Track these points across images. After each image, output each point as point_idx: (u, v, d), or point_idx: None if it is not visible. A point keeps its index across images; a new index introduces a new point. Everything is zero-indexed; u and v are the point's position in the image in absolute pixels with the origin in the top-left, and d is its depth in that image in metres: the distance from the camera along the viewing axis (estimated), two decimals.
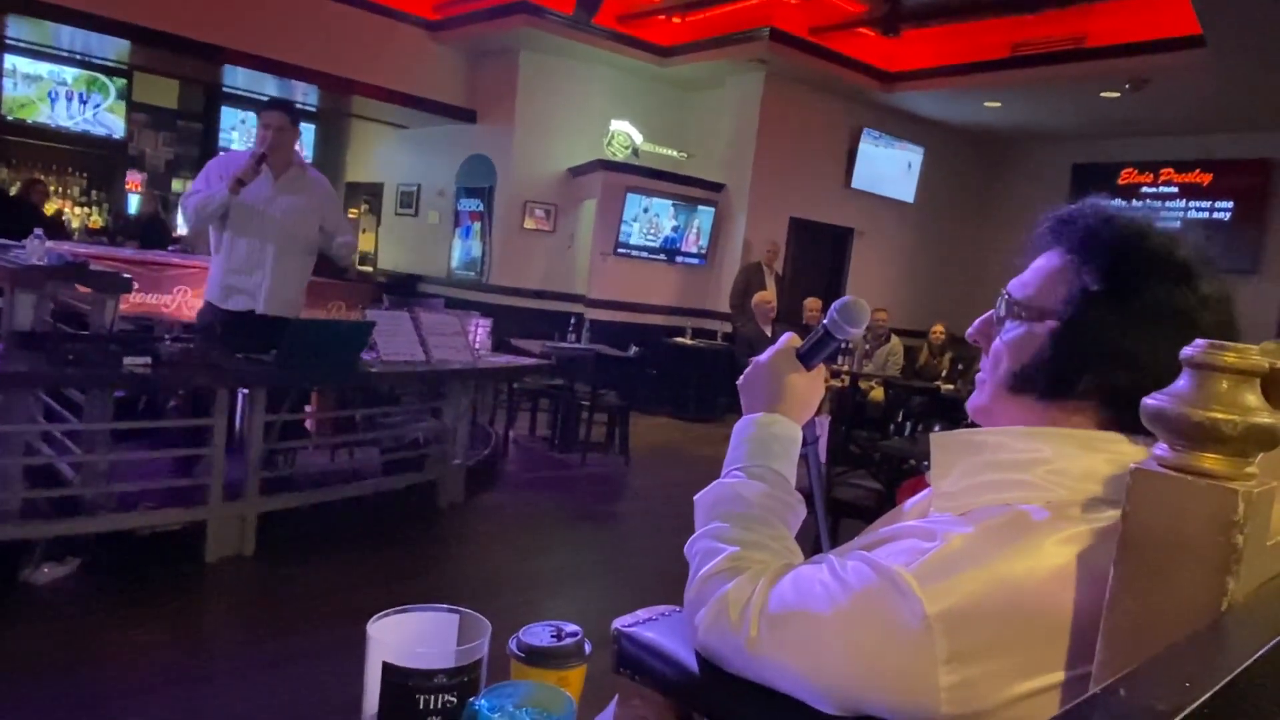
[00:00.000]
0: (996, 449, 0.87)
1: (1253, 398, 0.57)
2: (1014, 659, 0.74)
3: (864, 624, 0.78)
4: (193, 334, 4.21)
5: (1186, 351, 0.59)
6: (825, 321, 1.08)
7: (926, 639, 0.74)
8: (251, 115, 10.79)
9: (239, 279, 4.12)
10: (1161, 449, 0.60)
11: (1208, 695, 0.45)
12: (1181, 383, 0.59)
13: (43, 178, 9.14)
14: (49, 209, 8.99)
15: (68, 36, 8.32)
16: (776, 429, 1.05)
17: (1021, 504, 0.80)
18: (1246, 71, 6.87)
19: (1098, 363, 0.84)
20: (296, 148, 4.31)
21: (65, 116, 9.49)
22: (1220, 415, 0.56)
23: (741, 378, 1.12)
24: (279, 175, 4.10)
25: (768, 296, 8.13)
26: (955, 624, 0.74)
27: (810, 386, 1.09)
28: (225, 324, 4.10)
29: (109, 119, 9.83)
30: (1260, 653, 0.51)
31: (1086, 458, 0.82)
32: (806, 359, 1.09)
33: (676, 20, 8.86)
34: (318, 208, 4.23)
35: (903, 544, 0.82)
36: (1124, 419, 0.81)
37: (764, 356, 1.11)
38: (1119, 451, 0.81)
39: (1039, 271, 0.93)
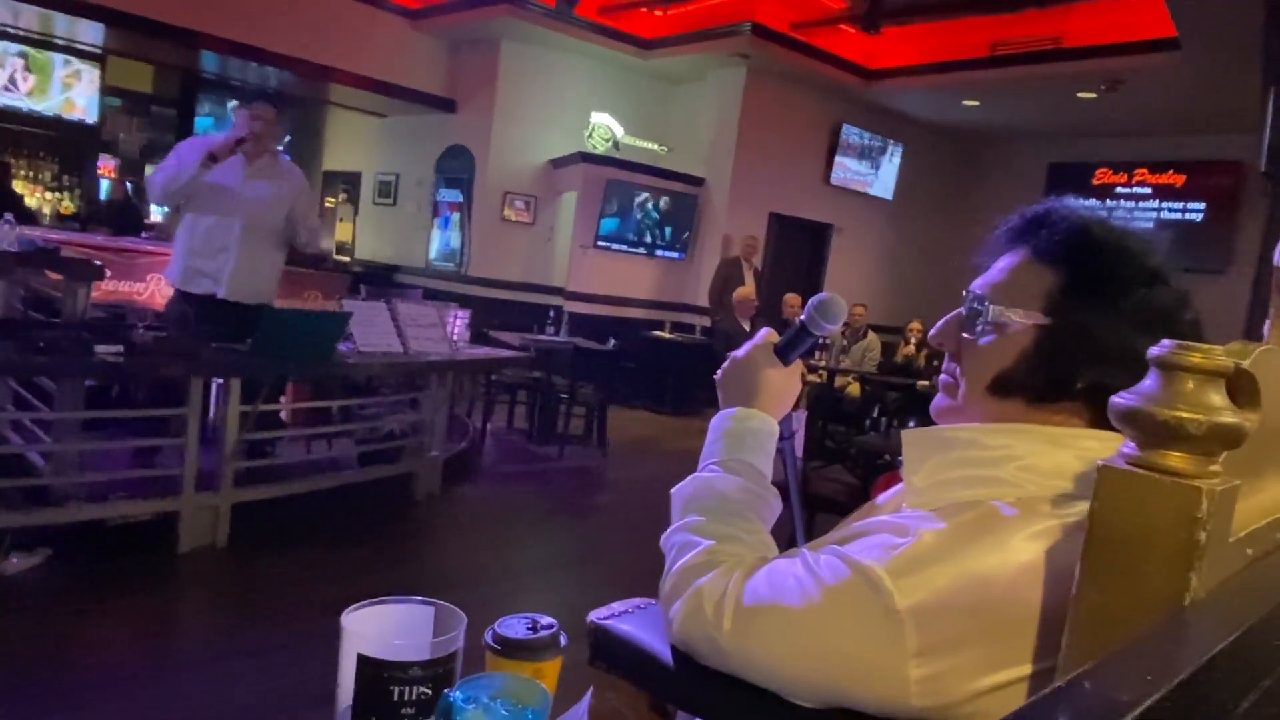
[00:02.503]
0: (968, 446, 0.88)
1: (1218, 397, 0.58)
2: (983, 652, 0.75)
3: (836, 617, 0.79)
4: (162, 322, 4.16)
5: (1153, 351, 0.60)
6: (803, 318, 1.09)
7: (897, 633, 0.76)
8: (229, 100, 10.67)
9: (201, 261, 4.08)
10: (1128, 446, 0.61)
11: (1169, 688, 0.46)
12: (1148, 382, 0.60)
13: (13, 161, 8.98)
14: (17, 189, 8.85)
15: (42, 19, 8.18)
16: (753, 424, 1.06)
17: (992, 500, 0.81)
18: (1219, 74, 6.96)
19: (1090, 364, 0.85)
20: (279, 145, 4.34)
21: (37, 100, 9.33)
22: (1186, 414, 0.57)
23: (719, 372, 1.13)
24: (252, 161, 4.10)
25: (749, 293, 8.14)
26: (926, 618, 0.75)
27: (787, 382, 1.10)
28: (190, 309, 4.06)
29: (82, 103, 9.66)
30: (1220, 647, 0.52)
31: (1057, 454, 0.83)
32: (783, 354, 1.10)
33: (659, 13, 8.85)
34: (287, 197, 4.21)
35: (876, 539, 0.83)
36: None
37: (741, 352, 1.11)
38: (1088, 448, 0.83)
39: (1011, 272, 0.93)
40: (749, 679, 0.84)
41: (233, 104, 3.82)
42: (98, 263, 4.12)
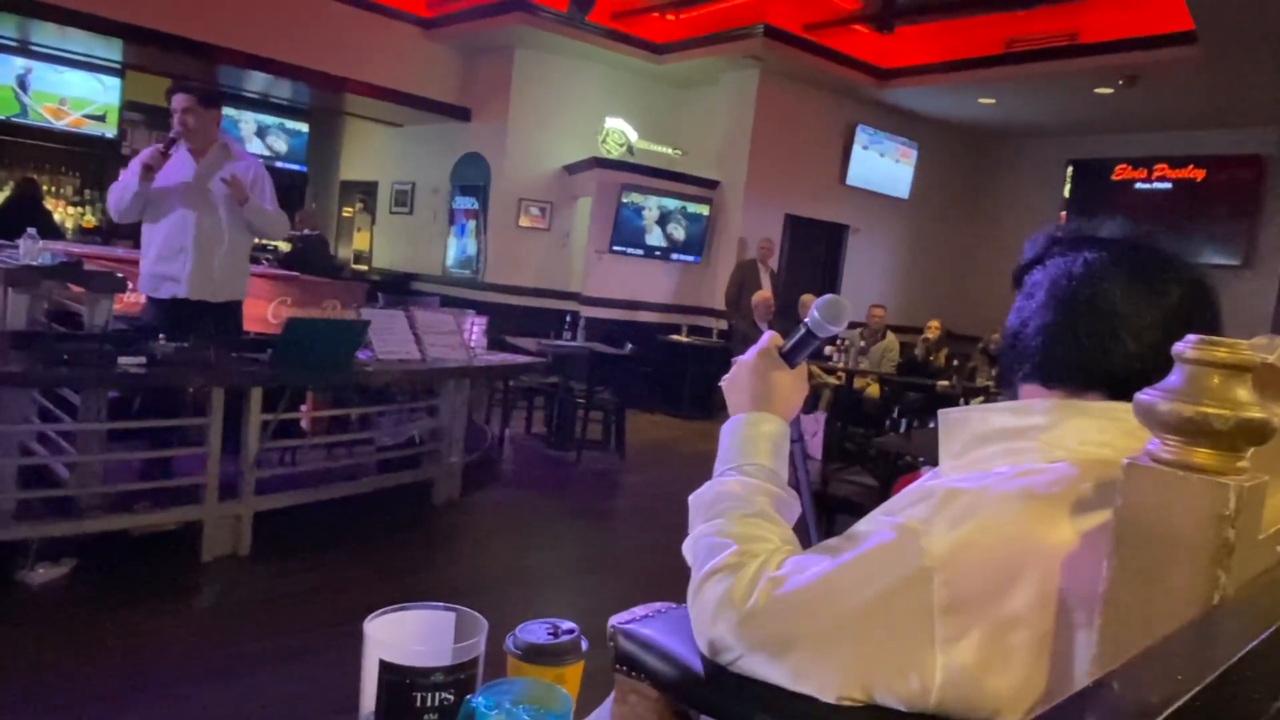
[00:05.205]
0: (999, 418, 0.91)
1: (1244, 392, 0.57)
2: (1007, 609, 0.76)
3: (865, 574, 0.81)
4: (137, 330, 4.10)
5: (1178, 347, 0.59)
6: (807, 320, 1.10)
7: (925, 587, 0.77)
8: (246, 114, 10.76)
9: (164, 266, 4.04)
10: (1154, 444, 0.60)
11: (1199, 688, 0.45)
12: (1173, 378, 0.59)
13: (35, 177, 9.09)
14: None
15: (61, 35, 8.28)
16: (766, 428, 1.06)
17: (1023, 464, 0.84)
18: (1238, 68, 6.89)
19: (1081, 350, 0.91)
20: (230, 130, 4.22)
21: (57, 116, 9.43)
22: (1212, 410, 0.56)
23: (726, 378, 1.14)
24: (199, 157, 4.02)
25: (767, 294, 8.12)
26: (955, 573, 0.77)
27: (795, 384, 1.11)
28: (160, 315, 4.04)
29: (102, 118, 9.76)
30: (1251, 646, 0.51)
31: (1085, 424, 0.85)
32: (790, 357, 1.10)
33: (671, 18, 8.85)
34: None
35: (908, 498, 0.86)
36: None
37: (747, 356, 1.12)
38: (1116, 417, 0.83)
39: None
40: (778, 664, 0.84)
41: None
42: (119, 275, 4.15)
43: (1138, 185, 9.84)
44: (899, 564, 0.79)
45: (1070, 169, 10.26)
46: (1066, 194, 10.27)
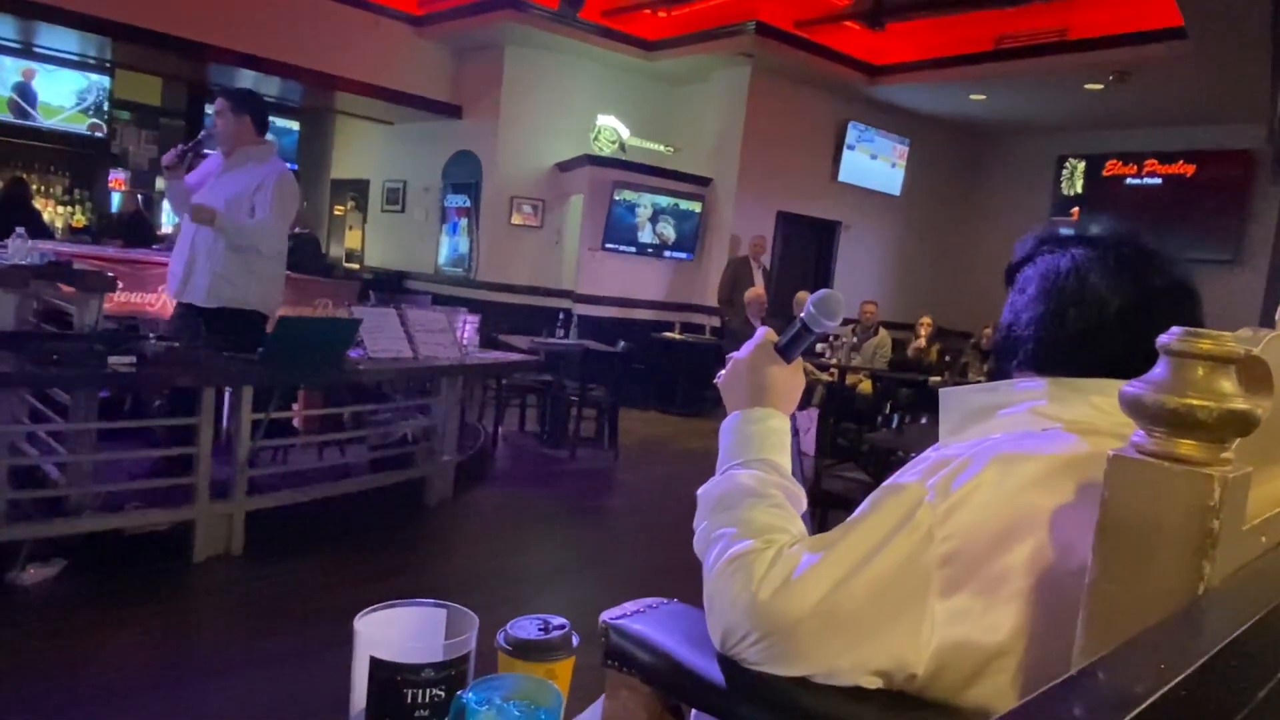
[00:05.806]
0: (996, 395, 0.96)
1: (1228, 384, 0.58)
2: (1001, 566, 0.78)
3: (874, 538, 0.84)
4: (130, 329, 4.16)
5: (1163, 339, 0.59)
6: (802, 315, 1.09)
7: (927, 547, 0.81)
8: None
9: (172, 263, 4.10)
10: (1139, 435, 0.60)
11: (1183, 677, 0.46)
12: (1158, 370, 0.59)
13: (24, 176, 9.04)
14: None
15: (49, 34, 8.24)
16: (771, 423, 1.07)
17: (1020, 430, 0.88)
18: (1228, 64, 6.91)
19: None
20: (262, 134, 4.13)
21: (46, 115, 9.38)
22: (1196, 401, 0.57)
23: (722, 376, 1.14)
24: (227, 158, 4.04)
25: (760, 292, 8.14)
26: (955, 529, 0.80)
27: (792, 379, 1.11)
28: (176, 317, 4.11)
29: (91, 117, 9.71)
30: (1235, 635, 0.52)
31: (1076, 397, 0.89)
32: (785, 352, 1.11)
33: (662, 14, 8.85)
34: (248, 191, 3.91)
35: (910, 468, 0.90)
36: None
37: (742, 353, 1.13)
38: (1108, 392, 0.85)
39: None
40: (794, 646, 0.84)
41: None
42: (110, 275, 4.14)
43: (1128, 180, 9.87)
44: (903, 527, 0.82)
45: (1084, 164, 10.23)
46: (1080, 189, 10.23)
